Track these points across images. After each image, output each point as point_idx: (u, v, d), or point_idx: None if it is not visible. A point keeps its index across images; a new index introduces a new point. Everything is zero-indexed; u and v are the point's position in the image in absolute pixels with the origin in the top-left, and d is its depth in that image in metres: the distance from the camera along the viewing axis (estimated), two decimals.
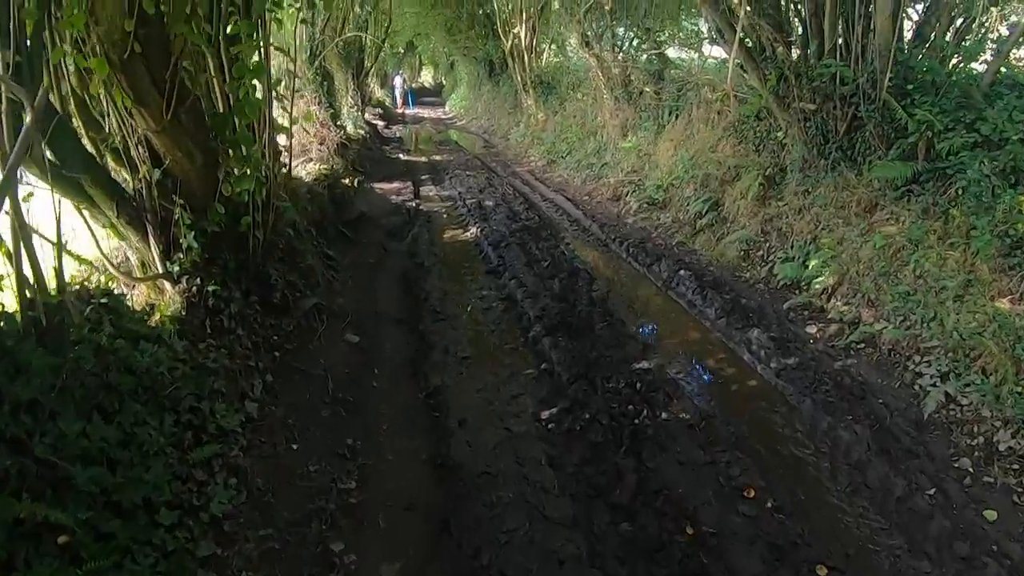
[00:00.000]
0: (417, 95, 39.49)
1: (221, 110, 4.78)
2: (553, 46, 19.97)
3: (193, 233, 4.83)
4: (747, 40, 8.75)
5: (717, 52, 12.65)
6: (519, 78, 20.11)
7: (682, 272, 8.62)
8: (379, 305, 7.41)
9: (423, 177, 16.17)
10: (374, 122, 22.64)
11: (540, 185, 14.80)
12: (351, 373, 5.78)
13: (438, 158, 19.27)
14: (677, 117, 12.70)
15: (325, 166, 9.86)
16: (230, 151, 4.76)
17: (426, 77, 50.41)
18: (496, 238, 10.32)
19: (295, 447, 4.58)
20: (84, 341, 3.70)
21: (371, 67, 21.21)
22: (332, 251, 7.90)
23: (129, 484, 3.32)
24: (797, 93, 8.25)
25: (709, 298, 7.82)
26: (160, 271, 4.93)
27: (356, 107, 18.90)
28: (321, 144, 12.61)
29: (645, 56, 14.35)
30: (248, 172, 4.91)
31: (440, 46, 31.60)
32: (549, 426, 5.53)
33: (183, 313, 4.85)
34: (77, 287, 4.21)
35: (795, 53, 8.49)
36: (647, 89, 13.91)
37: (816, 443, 5.09)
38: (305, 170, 9.20)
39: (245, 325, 5.22)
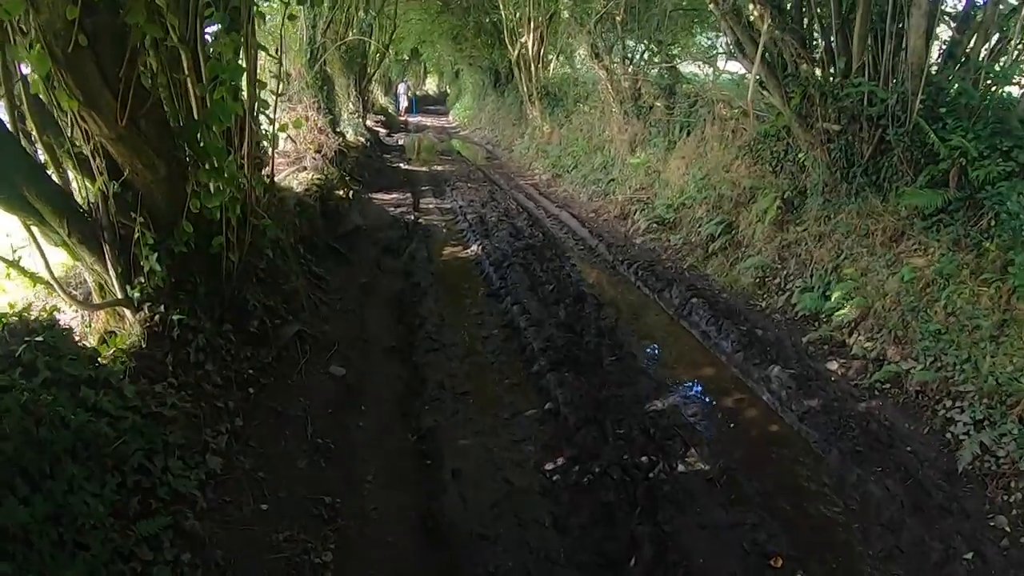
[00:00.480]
0: (421, 103, 39.33)
1: (196, 116, 4.17)
2: (560, 56, 19.41)
3: (156, 254, 4.21)
4: (768, 56, 8.20)
5: (733, 67, 12.07)
6: (525, 88, 19.54)
7: (695, 300, 8.01)
8: (370, 331, 6.77)
9: (423, 188, 15.57)
10: (376, 129, 22.08)
11: (544, 200, 14.20)
12: (334, 413, 5.13)
13: (440, 168, 18.68)
14: (688, 134, 12.10)
15: (318, 176, 9.22)
16: (201, 163, 4.13)
17: (430, 85, 49.94)
18: (498, 257, 9.70)
19: (264, 508, 3.92)
20: (11, 389, 3.08)
21: (374, 73, 20.65)
22: (321, 269, 7.28)
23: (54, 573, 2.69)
24: (821, 112, 7.72)
25: (724, 329, 7.23)
26: (119, 296, 4.31)
27: (357, 113, 18.34)
28: (318, 151, 12.01)
29: (656, 70, 13.79)
30: (221, 186, 4.29)
31: (445, 54, 31.16)
32: (554, 478, 4.92)
33: (143, 345, 4.22)
34: (15, 319, 3.58)
35: (819, 71, 7.96)
36: (658, 104, 13.33)
37: (845, 499, 4.62)
38: (296, 180, 8.57)
39: (215, 358, 4.58)
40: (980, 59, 6.90)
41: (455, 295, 8.50)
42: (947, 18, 7.23)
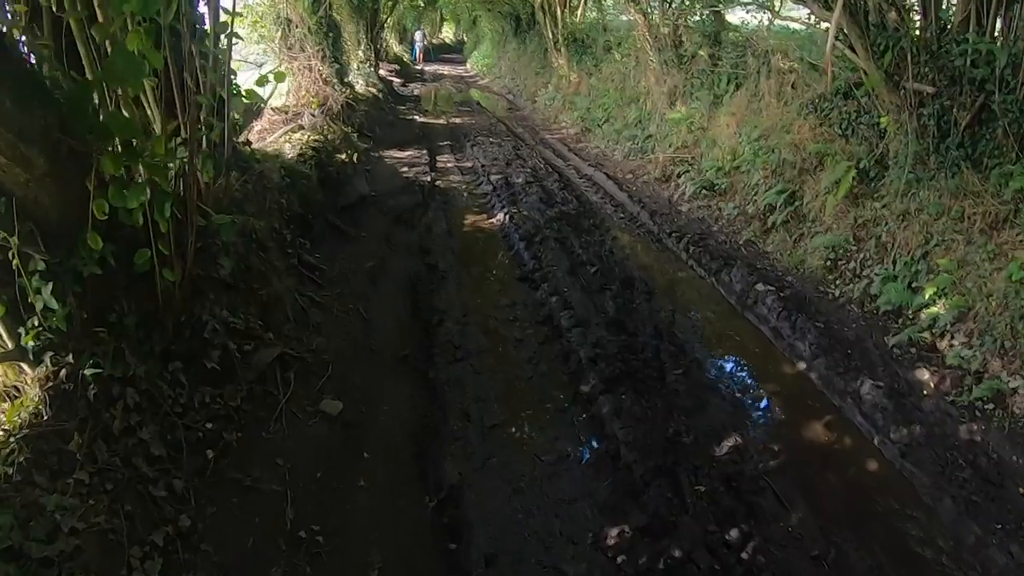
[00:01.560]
0: (437, 52, 37.94)
1: (90, 75, 2.68)
2: (589, 1, 17.39)
3: (52, 284, 2.77)
4: (851, 2, 6.58)
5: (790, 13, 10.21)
6: (550, 34, 17.58)
7: (760, 286, 6.62)
8: (376, 337, 5.32)
9: (441, 144, 13.91)
10: (389, 79, 20.26)
11: (575, 158, 12.55)
12: (326, 476, 3.72)
13: (458, 121, 16.93)
14: (738, 88, 10.40)
15: (317, 136, 7.62)
16: (104, 146, 2.65)
17: (447, 33, 47.46)
18: (528, 229, 8.16)
19: None
20: None
21: (386, 19, 18.79)
22: (316, 256, 5.79)
23: None
24: (913, 72, 6.22)
25: (799, 327, 5.92)
26: (10, 347, 2.90)
27: (368, 63, 16.57)
28: (322, 105, 10.42)
29: (698, 15, 11.92)
30: (139, 179, 2.83)
31: (463, 0, 28.95)
32: (619, 560, 3.56)
33: (46, 414, 2.82)
34: None
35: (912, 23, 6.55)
36: (701, 53, 11.52)
37: (965, 569, 3.66)
38: (289, 143, 7.00)
39: (156, 417, 3.18)
40: None
41: (480, 280, 7.02)
42: None
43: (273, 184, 5.27)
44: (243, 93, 4.19)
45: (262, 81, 4.00)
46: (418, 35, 33.49)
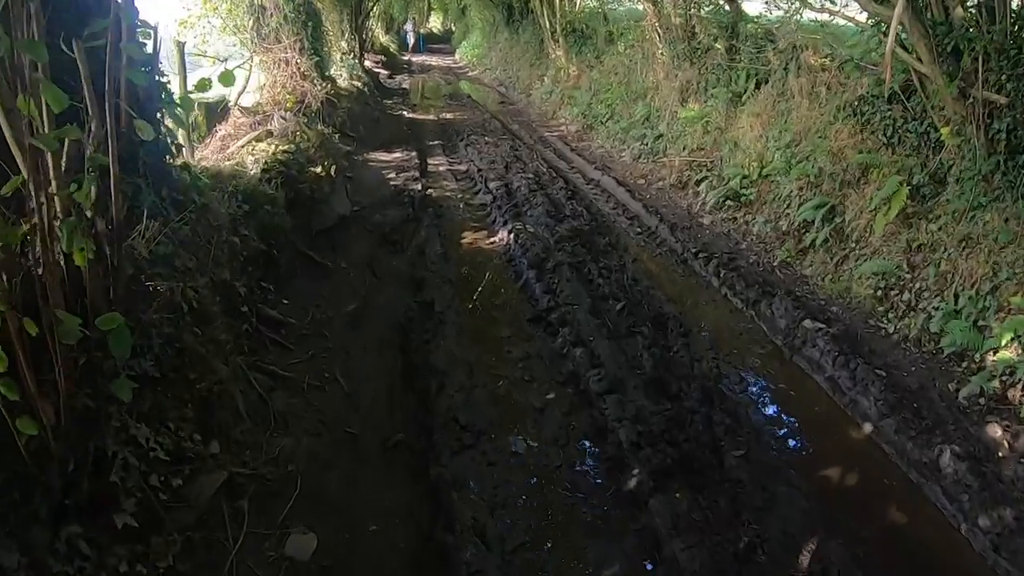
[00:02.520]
0: (426, 41, 36.76)
1: None
2: None
3: None
4: None
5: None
6: (547, 24, 16.26)
7: (808, 323, 5.59)
8: (359, 417, 4.09)
9: (431, 143, 12.61)
10: (375, 71, 18.86)
11: (579, 159, 11.32)
12: None
13: (449, 116, 15.60)
14: (758, 85, 9.22)
15: (287, 146, 6.27)
16: None
17: (434, 22, 45.84)
18: (537, 252, 6.93)
19: None
20: None
21: (372, 7, 17.39)
22: (285, 301, 4.55)
23: None
24: (985, 79, 5.23)
25: (859, 376, 4.88)
26: None
27: (353, 54, 15.20)
28: (300, 102, 9.10)
29: (712, 4, 10.70)
30: None
31: None
32: None
33: None
34: None
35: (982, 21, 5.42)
36: (717, 46, 10.32)
37: None
38: (252, 155, 5.65)
39: None
40: None
41: (485, 322, 5.77)
42: None
43: (223, 220, 4.00)
44: (177, 101, 3.03)
45: (202, 85, 2.79)
46: (409, 25, 33.52)
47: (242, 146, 5.93)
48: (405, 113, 15.55)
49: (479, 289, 6.40)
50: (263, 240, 4.65)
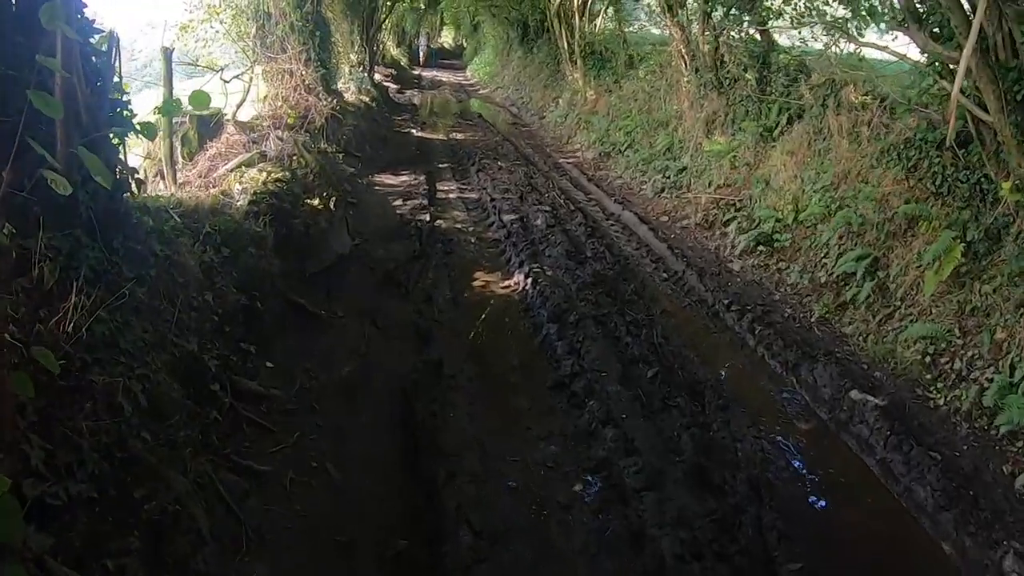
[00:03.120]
0: (436, 56, 36.85)
1: None
2: (610, 9, 15.46)
3: None
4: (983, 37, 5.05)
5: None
6: (564, 45, 15.64)
7: (855, 394, 5.01)
8: (352, 521, 3.32)
9: (441, 166, 11.94)
10: (385, 85, 18.25)
11: (597, 190, 10.67)
12: None
13: (459, 137, 14.94)
14: (791, 121, 8.58)
15: (281, 173, 5.49)
16: None
17: (446, 37, 45.56)
18: (558, 301, 6.19)
19: None
20: None
21: (384, 19, 16.77)
22: (269, 365, 3.80)
23: None
24: None
25: (914, 461, 4.34)
26: None
27: (362, 67, 14.57)
28: (303, 117, 8.40)
29: (740, 32, 10.04)
30: None
31: (465, 4, 26.87)
32: None
33: None
34: None
35: None
36: (747, 76, 9.66)
37: None
38: (241, 182, 4.89)
39: None
40: None
41: (500, 390, 4.99)
42: None
43: (191, 275, 3.26)
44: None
45: (199, 99, 2.10)
46: (422, 39, 34.54)
47: (231, 170, 5.19)
48: (414, 131, 14.91)
49: (493, 344, 5.65)
50: (245, 291, 3.93)
